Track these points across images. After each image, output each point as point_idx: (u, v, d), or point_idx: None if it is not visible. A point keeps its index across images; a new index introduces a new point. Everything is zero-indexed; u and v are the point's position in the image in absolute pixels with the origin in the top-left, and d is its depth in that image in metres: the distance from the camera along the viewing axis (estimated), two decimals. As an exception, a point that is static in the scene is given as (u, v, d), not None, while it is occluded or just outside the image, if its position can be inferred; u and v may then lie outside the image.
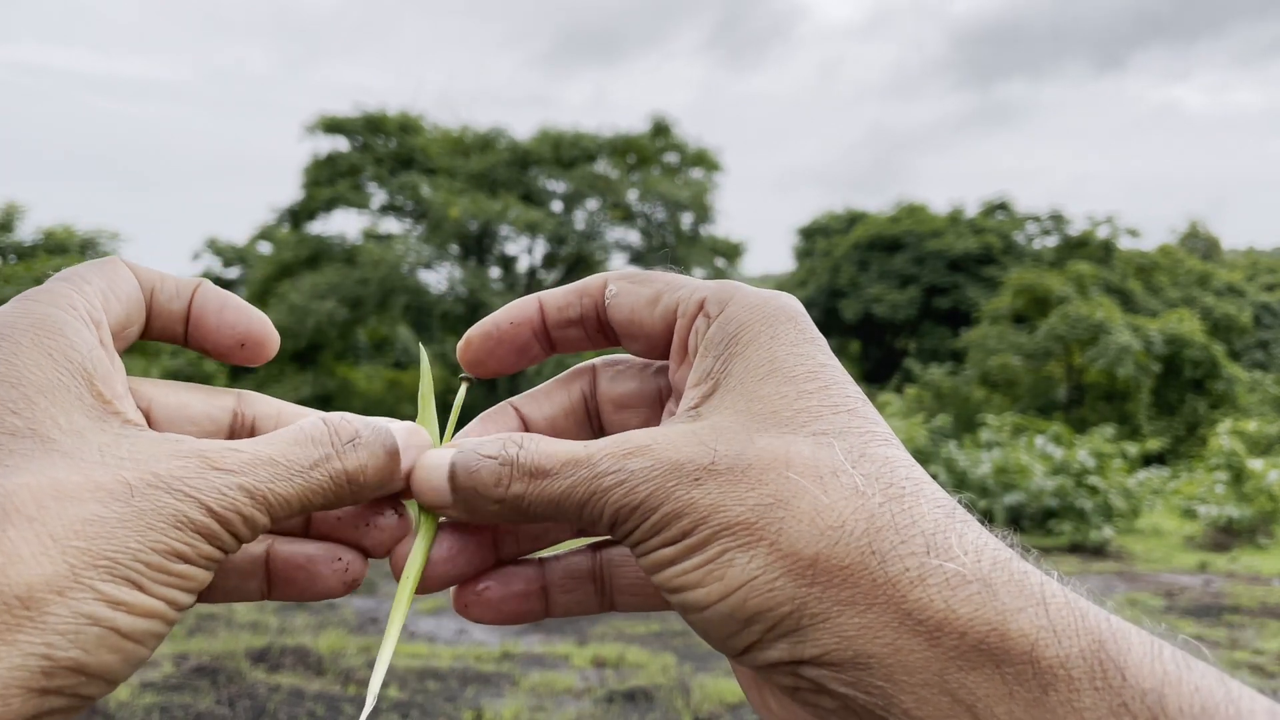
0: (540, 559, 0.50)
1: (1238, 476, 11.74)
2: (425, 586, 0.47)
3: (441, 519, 0.48)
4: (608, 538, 0.46)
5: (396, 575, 0.47)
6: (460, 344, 0.50)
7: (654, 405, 0.51)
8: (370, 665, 6.05)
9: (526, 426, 0.50)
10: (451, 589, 0.48)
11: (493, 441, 0.44)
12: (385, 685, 5.69)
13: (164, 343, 0.50)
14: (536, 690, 5.62)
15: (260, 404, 0.49)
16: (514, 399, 0.51)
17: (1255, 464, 11.76)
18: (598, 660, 6.22)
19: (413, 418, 0.49)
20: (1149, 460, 16.71)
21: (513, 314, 0.50)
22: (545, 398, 0.51)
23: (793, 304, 0.45)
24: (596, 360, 0.52)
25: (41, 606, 0.34)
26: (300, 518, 0.47)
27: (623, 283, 0.49)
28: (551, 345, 0.51)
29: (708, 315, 0.45)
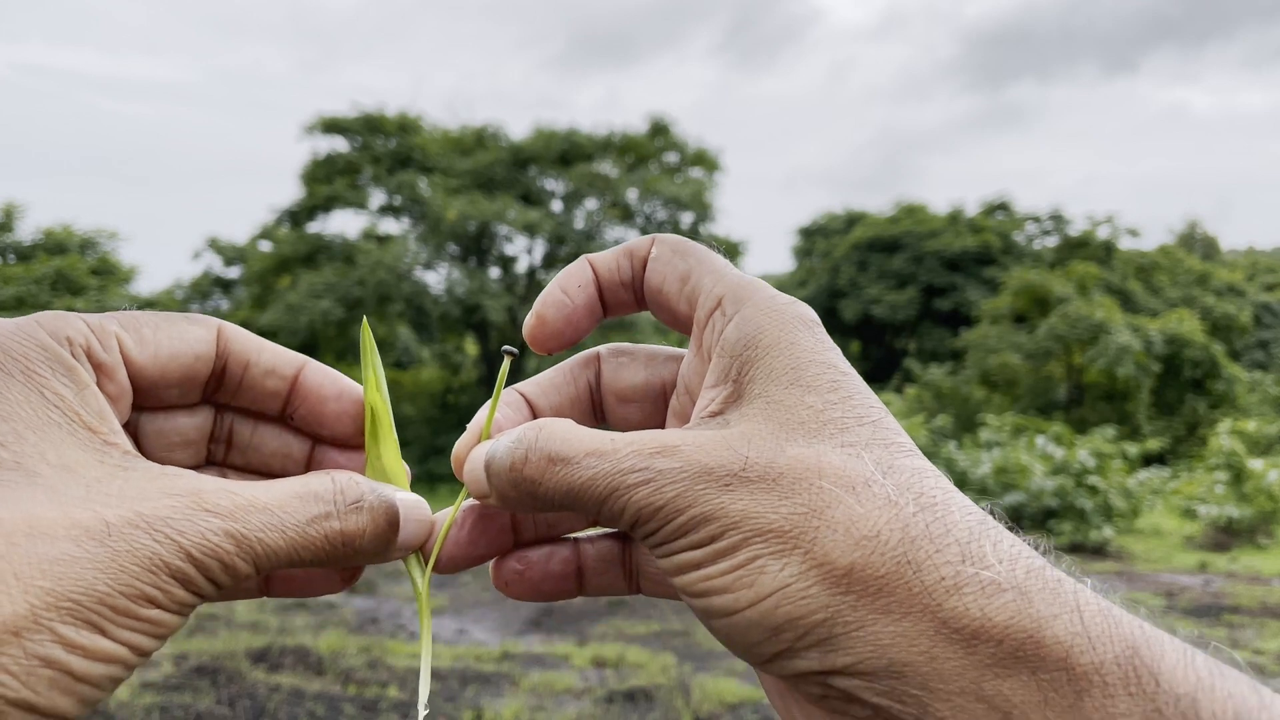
0: (575, 539, 0.50)
1: (1238, 476, 11.75)
2: (447, 567, 0.48)
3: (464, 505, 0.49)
4: None
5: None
6: (532, 323, 0.49)
7: (658, 400, 0.51)
8: (370, 665, 6.05)
9: (535, 415, 0.50)
10: (490, 567, 0.49)
11: (515, 429, 0.44)
12: (384, 685, 5.68)
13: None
14: (536, 690, 5.61)
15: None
16: (521, 386, 0.51)
17: (1255, 464, 11.78)
18: (598, 660, 6.22)
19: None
20: (1149, 460, 16.69)
21: (574, 279, 0.49)
22: (553, 388, 0.51)
23: (808, 310, 0.45)
24: (601, 349, 0.52)
25: None
26: None
27: (665, 249, 0.49)
28: (605, 309, 0.50)
29: (724, 313, 0.45)
